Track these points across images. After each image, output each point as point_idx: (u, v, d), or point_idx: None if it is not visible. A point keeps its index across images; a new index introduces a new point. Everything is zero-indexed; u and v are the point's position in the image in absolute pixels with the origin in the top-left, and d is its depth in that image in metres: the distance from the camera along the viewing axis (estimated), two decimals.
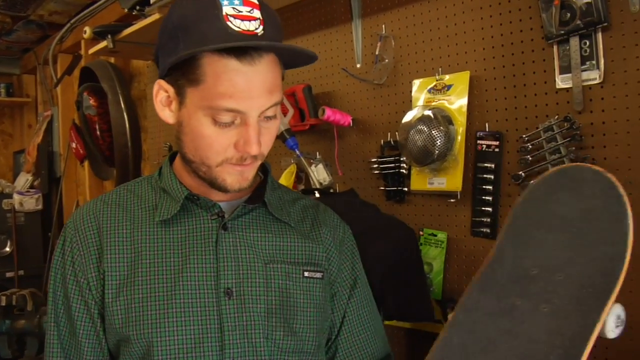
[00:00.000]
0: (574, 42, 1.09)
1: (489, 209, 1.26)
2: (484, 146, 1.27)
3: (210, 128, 0.78)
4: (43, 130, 3.32)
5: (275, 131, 0.84)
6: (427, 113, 1.31)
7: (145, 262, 0.83)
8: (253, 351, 0.81)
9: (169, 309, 0.80)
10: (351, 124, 1.55)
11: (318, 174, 1.57)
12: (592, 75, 1.08)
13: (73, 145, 2.86)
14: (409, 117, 1.37)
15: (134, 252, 0.84)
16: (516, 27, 1.20)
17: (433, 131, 1.28)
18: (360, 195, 1.47)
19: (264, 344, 0.82)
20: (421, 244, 1.40)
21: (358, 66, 1.56)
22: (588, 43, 1.08)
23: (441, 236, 1.37)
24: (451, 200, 1.34)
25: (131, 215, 0.87)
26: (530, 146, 1.16)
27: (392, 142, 1.47)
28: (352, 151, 1.59)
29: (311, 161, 1.60)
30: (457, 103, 1.30)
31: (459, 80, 1.30)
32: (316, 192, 1.48)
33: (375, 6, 1.50)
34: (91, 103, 2.43)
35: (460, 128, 1.29)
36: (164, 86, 0.82)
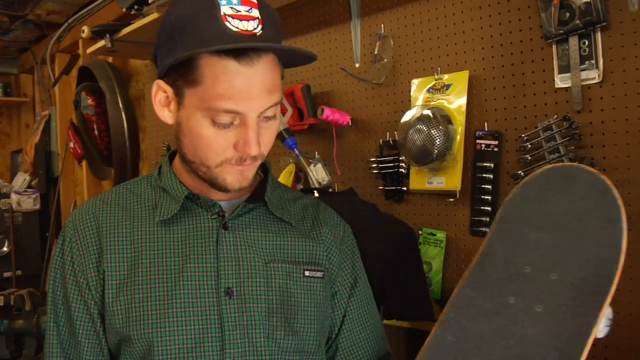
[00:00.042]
0: (573, 42, 1.09)
1: (488, 209, 1.26)
2: (483, 145, 1.27)
3: (209, 129, 0.77)
4: (41, 129, 3.31)
5: (275, 131, 0.83)
6: (426, 112, 1.31)
7: (145, 262, 0.82)
8: (254, 351, 0.81)
9: (170, 309, 0.80)
10: (350, 124, 1.55)
11: (317, 174, 1.56)
12: (591, 74, 1.08)
13: (71, 144, 2.85)
14: (408, 117, 1.37)
15: (134, 252, 0.83)
16: (515, 27, 1.20)
17: (432, 131, 1.28)
18: (359, 194, 1.47)
19: (265, 344, 0.82)
20: (420, 244, 1.40)
21: (357, 66, 1.55)
22: (587, 42, 1.08)
23: (440, 235, 1.37)
24: (450, 199, 1.34)
25: (131, 214, 0.87)
26: (529, 145, 1.16)
27: (391, 142, 1.47)
28: (351, 151, 1.59)
29: (310, 161, 1.59)
30: (456, 102, 1.30)
31: (458, 79, 1.30)
32: (315, 192, 1.47)
33: (374, 6, 1.50)
34: (89, 102, 2.42)
35: (459, 127, 1.29)
36: (163, 86, 0.81)
